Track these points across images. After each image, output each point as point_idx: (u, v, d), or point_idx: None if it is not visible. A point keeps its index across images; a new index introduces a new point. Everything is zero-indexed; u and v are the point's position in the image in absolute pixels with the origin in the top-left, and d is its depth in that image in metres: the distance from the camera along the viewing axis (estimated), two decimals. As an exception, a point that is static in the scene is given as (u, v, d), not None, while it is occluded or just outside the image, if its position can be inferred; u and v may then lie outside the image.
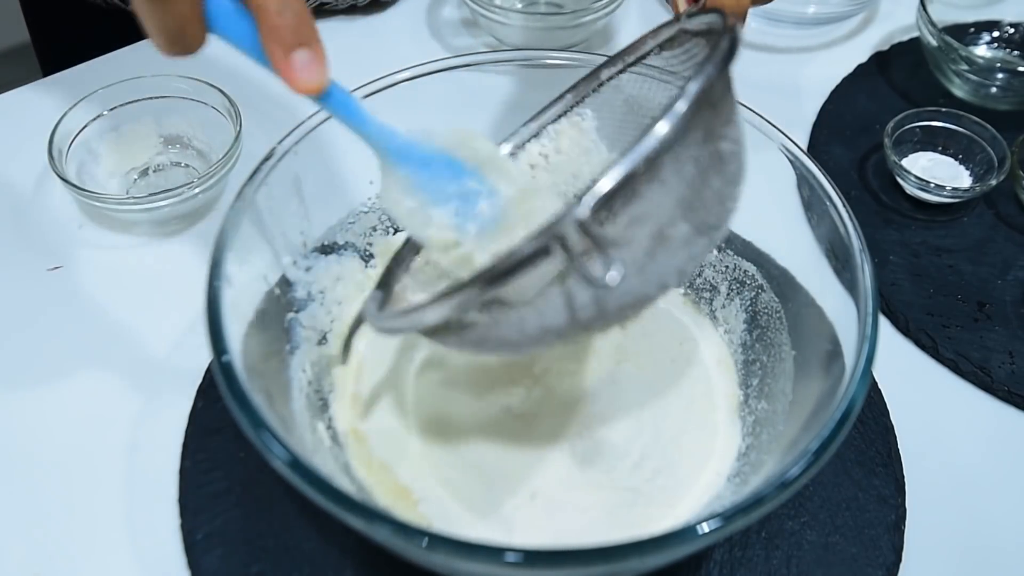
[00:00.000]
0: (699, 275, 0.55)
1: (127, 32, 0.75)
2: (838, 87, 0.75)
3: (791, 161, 0.47)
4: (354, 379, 0.49)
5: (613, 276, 0.31)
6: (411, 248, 0.46)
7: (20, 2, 0.85)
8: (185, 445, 0.50)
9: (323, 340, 0.49)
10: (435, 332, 0.38)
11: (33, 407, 0.52)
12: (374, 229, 0.54)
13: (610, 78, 0.47)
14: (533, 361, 0.50)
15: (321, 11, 0.79)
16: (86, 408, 0.52)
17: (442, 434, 0.47)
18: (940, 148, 0.68)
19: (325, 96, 0.37)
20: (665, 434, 0.47)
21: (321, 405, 0.47)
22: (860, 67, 0.78)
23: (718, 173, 0.36)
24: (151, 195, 0.58)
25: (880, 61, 0.78)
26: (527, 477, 0.45)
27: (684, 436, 0.48)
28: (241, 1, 0.34)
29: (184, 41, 0.35)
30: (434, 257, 0.41)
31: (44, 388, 0.53)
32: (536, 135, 0.48)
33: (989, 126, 0.66)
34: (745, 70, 0.77)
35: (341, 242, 0.51)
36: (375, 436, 0.47)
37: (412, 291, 0.44)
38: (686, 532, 0.34)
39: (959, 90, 0.73)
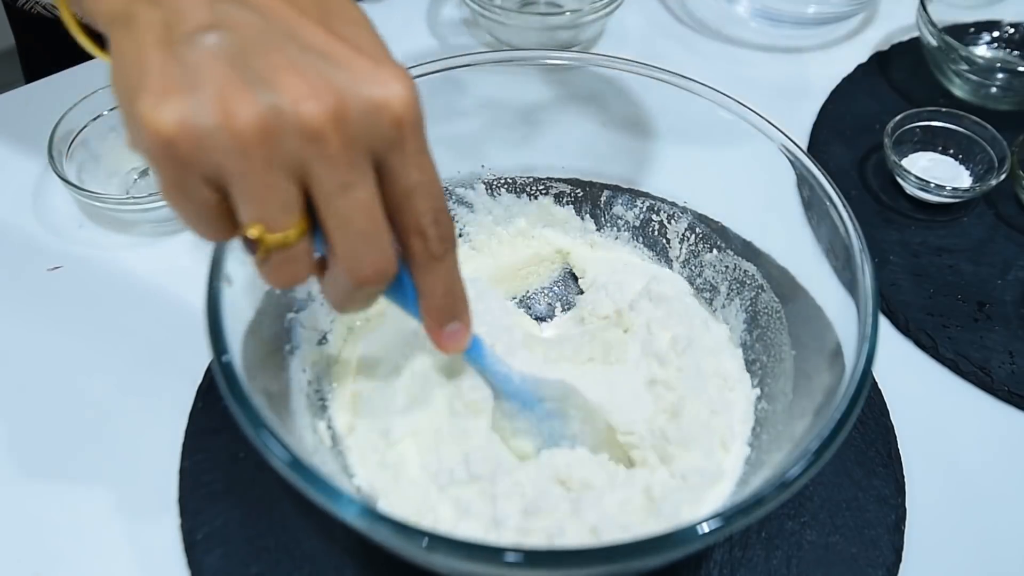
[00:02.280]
0: (699, 275, 0.55)
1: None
2: (838, 87, 0.75)
3: (791, 161, 0.47)
4: (353, 378, 0.49)
5: None
6: None
7: (6, 10, 0.85)
8: (185, 445, 0.50)
9: (323, 340, 0.49)
10: None
11: (33, 407, 0.52)
12: (374, 229, 0.54)
13: None
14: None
15: None
16: (86, 408, 0.52)
17: (441, 433, 0.47)
18: (940, 148, 0.68)
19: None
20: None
21: (321, 405, 0.47)
22: (860, 67, 0.78)
23: None
24: (151, 195, 0.58)
25: (880, 61, 0.78)
26: (525, 478, 0.45)
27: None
28: (408, 276, 0.39)
29: (209, 228, 0.35)
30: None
31: (44, 388, 0.53)
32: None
33: (989, 126, 0.66)
34: (745, 70, 0.78)
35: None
36: (374, 435, 0.47)
37: None
38: (686, 532, 0.34)
39: (959, 90, 0.73)
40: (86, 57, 0.73)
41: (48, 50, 0.83)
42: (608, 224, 0.57)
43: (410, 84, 0.33)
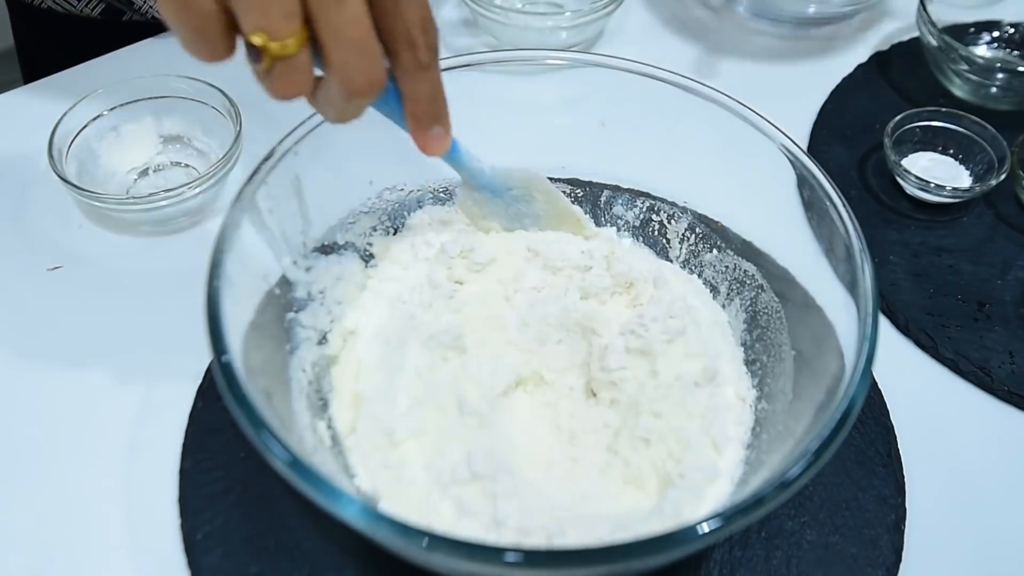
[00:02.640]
0: (699, 275, 0.55)
1: (110, 45, 0.75)
2: (838, 87, 0.76)
3: (791, 161, 0.47)
4: (353, 378, 0.49)
5: None
6: None
7: (8, 8, 0.85)
8: (185, 445, 0.50)
9: (323, 340, 0.49)
10: None
11: (33, 407, 0.52)
12: (374, 229, 0.54)
13: None
14: (541, 369, 0.50)
15: None
16: (86, 408, 0.52)
17: (444, 432, 0.47)
18: (940, 148, 0.68)
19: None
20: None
21: (321, 405, 0.47)
22: (860, 67, 0.78)
23: None
24: (151, 195, 0.58)
25: (880, 61, 0.78)
26: (527, 477, 0.45)
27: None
28: (393, 81, 0.41)
29: (208, 42, 0.36)
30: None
31: (44, 388, 0.53)
32: None
33: (989, 126, 0.66)
34: (745, 70, 0.78)
35: (341, 242, 0.51)
36: (376, 436, 0.47)
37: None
38: (686, 532, 0.34)
39: (959, 90, 0.73)
40: (85, 56, 0.74)
41: (48, 50, 0.83)
42: (608, 224, 0.57)
43: None
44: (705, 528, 0.34)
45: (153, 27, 0.78)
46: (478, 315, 0.50)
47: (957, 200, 0.65)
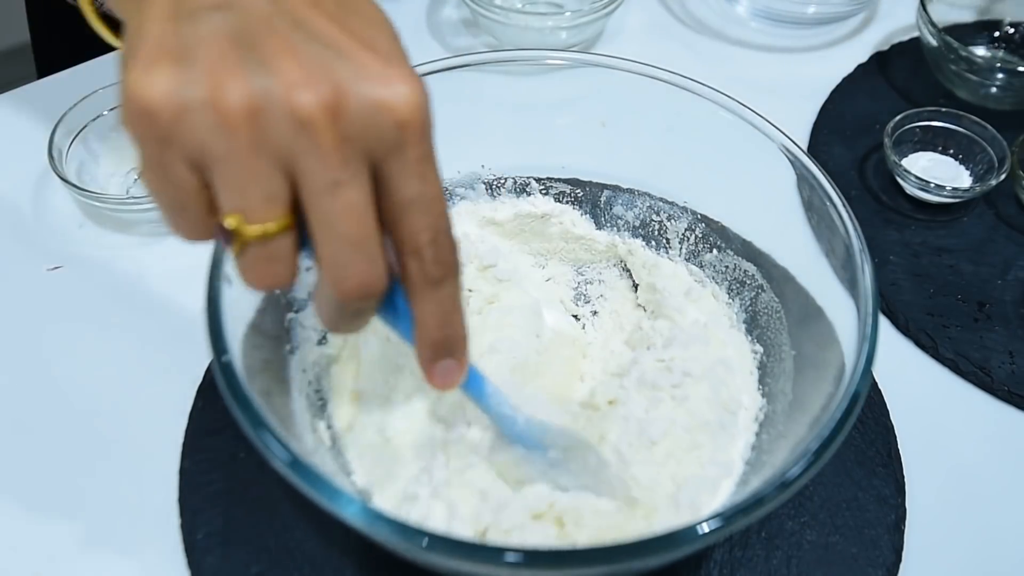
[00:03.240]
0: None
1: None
2: (838, 87, 0.75)
3: (791, 161, 0.47)
4: (353, 378, 0.49)
5: None
6: None
7: (26, 2, 0.86)
8: (185, 445, 0.50)
9: (323, 340, 0.49)
10: None
11: (32, 407, 0.52)
12: (374, 229, 0.54)
13: None
14: (539, 373, 0.50)
15: None
16: (85, 408, 0.52)
17: (439, 434, 0.47)
18: (940, 148, 0.68)
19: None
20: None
21: (321, 405, 0.47)
22: (860, 67, 0.78)
23: None
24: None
25: (880, 61, 0.78)
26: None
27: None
28: (405, 299, 0.36)
29: (188, 220, 0.33)
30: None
31: (43, 388, 0.53)
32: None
33: (989, 126, 0.66)
34: (745, 70, 0.78)
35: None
36: (372, 433, 0.47)
37: None
38: (686, 532, 0.34)
39: (959, 90, 0.73)
40: (99, 51, 0.74)
41: (62, 44, 0.83)
42: (608, 224, 0.57)
43: (420, 89, 0.31)
44: (705, 528, 0.34)
45: None
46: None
47: (957, 200, 0.65)
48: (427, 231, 0.33)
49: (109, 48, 0.74)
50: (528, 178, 0.57)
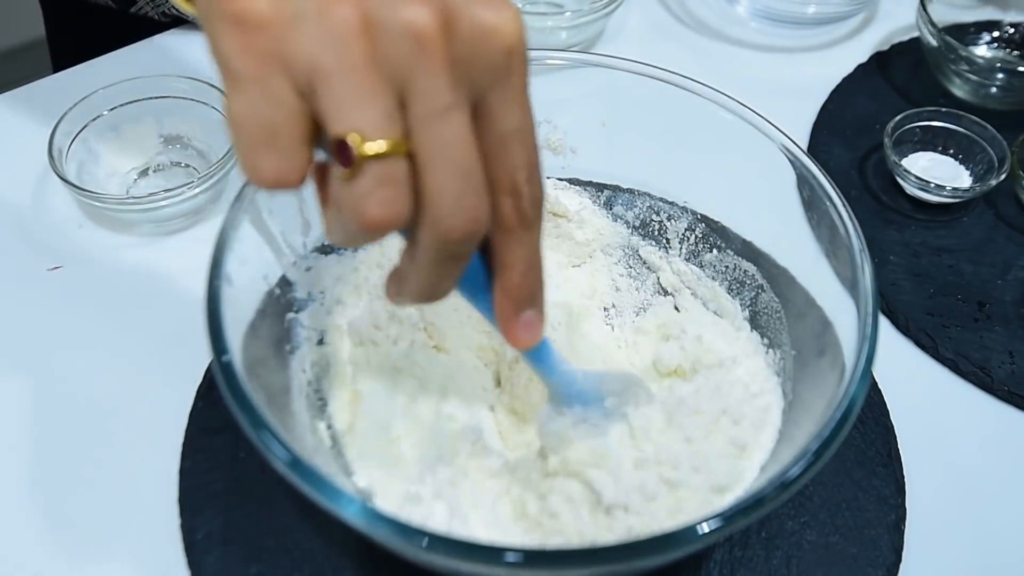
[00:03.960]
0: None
1: (141, 35, 0.75)
2: (838, 87, 0.75)
3: (791, 161, 0.47)
4: (353, 378, 0.49)
5: None
6: None
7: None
8: (185, 445, 0.50)
9: (323, 340, 0.49)
10: None
11: (33, 407, 0.52)
12: (374, 229, 0.54)
13: None
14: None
15: None
16: (86, 408, 0.52)
17: (438, 436, 0.47)
18: (940, 148, 0.68)
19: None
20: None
21: (321, 405, 0.47)
22: (860, 67, 0.78)
23: None
24: (151, 195, 0.58)
25: (880, 61, 0.78)
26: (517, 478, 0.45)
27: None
28: (481, 251, 0.34)
29: (279, 149, 0.30)
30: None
31: (43, 388, 0.53)
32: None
33: (989, 126, 0.66)
34: (745, 70, 0.78)
35: (341, 242, 0.51)
36: (373, 433, 0.47)
37: None
38: (686, 532, 0.34)
39: (959, 90, 0.73)
40: (114, 46, 0.74)
41: (78, 39, 0.83)
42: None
43: (521, 17, 0.30)
44: (705, 528, 0.34)
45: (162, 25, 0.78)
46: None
47: (957, 200, 0.65)
48: (525, 168, 0.32)
49: (120, 44, 0.74)
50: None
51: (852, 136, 0.71)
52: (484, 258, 0.35)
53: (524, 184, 0.32)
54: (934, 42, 0.71)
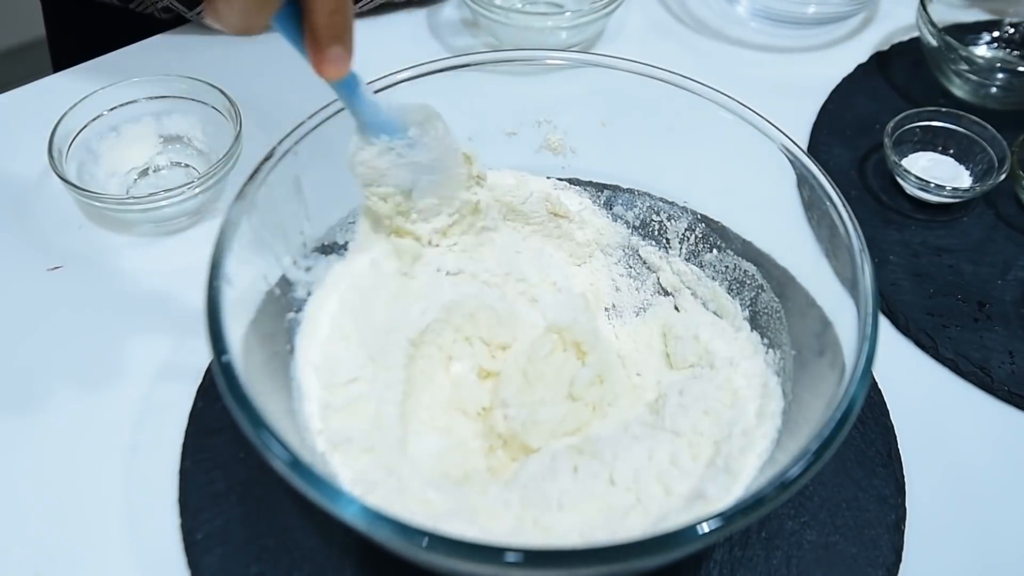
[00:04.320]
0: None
1: (141, 34, 0.75)
2: (838, 87, 0.76)
3: (791, 161, 0.47)
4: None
5: None
6: None
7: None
8: (185, 445, 0.50)
9: (323, 340, 0.49)
10: None
11: (33, 407, 0.52)
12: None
13: None
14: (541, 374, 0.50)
15: (382, 7, 0.79)
16: (86, 408, 0.52)
17: (434, 427, 0.47)
18: (940, 148, 0.68)
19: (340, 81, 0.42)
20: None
21: (321, 405, 0.47)
22: (860, 67, 0.78)
23: None
24: (151, 195, 0.58)
25: (880, 61, 0.78)
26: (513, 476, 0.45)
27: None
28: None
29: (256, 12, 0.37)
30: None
31: (44, 388, 0.53)
32: None
33: (989, 126, 0.66)
34: (745, 70, 0.78)
35: (341, 242, 0.51)
36: (371, 435, 0.47)
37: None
38: (686, 532, 0.34)
39: (959, 90, 0.73)
40: (115, 45, 0.74)
41: (78, 38, 0.84)
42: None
43: None
44: (705, 528, 0.34)
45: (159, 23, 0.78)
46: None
47: (957, 200, 0.65)
48: None
49: (121, 43, 0.75)
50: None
51: (852, 136, 0.71)
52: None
53: None
54: (934, 42, 0.71)
